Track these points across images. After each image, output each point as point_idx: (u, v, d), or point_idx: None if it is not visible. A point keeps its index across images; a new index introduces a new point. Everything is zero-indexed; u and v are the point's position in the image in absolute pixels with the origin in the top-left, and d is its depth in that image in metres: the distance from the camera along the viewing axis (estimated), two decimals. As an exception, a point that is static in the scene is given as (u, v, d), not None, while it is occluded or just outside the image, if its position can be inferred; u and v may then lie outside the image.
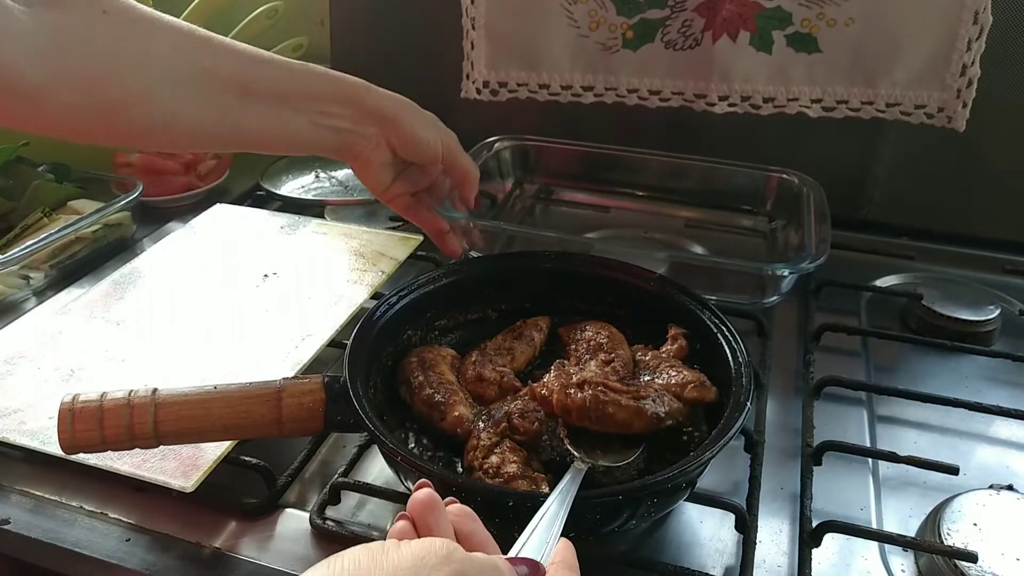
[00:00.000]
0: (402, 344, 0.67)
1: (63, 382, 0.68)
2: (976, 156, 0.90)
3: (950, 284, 0.85)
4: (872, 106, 0.88)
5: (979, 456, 0.65)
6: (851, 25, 0.84)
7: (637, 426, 0.56)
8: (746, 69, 0.89)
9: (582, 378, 0.57)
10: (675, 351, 0.65)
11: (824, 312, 0.82)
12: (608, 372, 0.62)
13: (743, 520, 0.56)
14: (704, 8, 0.87)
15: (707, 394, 0.60)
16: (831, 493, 0.61)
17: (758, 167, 0.92)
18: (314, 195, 1.01)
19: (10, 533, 0.58)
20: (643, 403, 0.56)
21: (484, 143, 0.95)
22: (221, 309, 0.78)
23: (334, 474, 0.61)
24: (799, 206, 0.85)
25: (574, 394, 0.56)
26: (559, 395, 0.56)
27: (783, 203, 0.90)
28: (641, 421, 0.56)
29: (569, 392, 0.56)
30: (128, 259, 0.87)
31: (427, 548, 0.34)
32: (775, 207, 0.93)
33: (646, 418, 0.55)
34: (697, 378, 0.61)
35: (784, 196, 0.90)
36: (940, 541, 0.54)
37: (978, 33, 0.81)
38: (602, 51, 0.93)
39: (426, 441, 0.61)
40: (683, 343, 0.65)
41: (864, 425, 0.68)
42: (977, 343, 0.77)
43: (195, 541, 0.57)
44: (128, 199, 0.92)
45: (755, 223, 0.94)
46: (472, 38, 0.95)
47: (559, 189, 1.03)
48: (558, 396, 0.56)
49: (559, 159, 1.01)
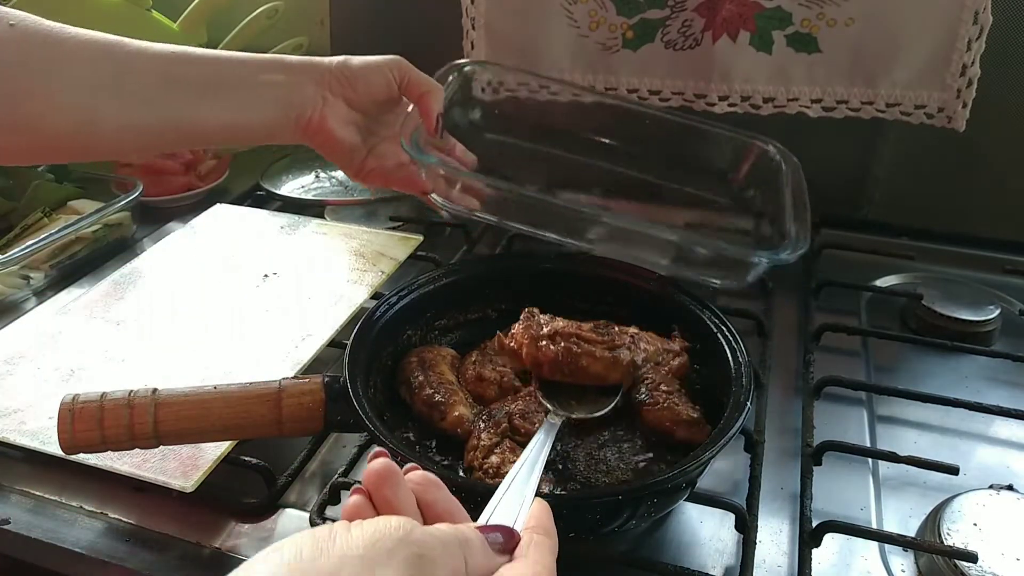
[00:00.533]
0: (402, 344, 0.67)
1: (63, 382, 0.68)
2: (976, 156, 0.90)
3: (950, 284, 0.85)
4: (872, 106, 0.88)
5: (979, 456, 0.65)
6: (851, 25, 0.84)
7: (613, 377, 0.54)
8: (746, 69, 0.89)
9: (553, 329, 0.54)
10: (676, 368, 0.63)
11: (824, 312, 0.81)
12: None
13: (743, 520, 0.56)
14: (704, 8, 0.87)
15: (698, 436, 0.57)
16: (831, 493, 0.61)
17: (737, 132, 0.82)
18: (314, 195, 1.01)
19: (10, 533, 0.58)
20: (618, 352, 0.53)
21: (453, 64, 0.82)
22: (221, 309, 0.78)
23: (334, 474, 0.61)
24: (777, 182, 0.77)
25: (546, 347, 0.53)
26: (530, 348, 0.53)
27: (759, 174, 0.81)
28: (617, 372, 0.53)
29: (540, 345, 0.53)
30: (128, 259, 0.87)
31: (380, 530, 0.30)
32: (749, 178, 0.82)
33: (622, 368, 0.53)
34: (690, 417, 0.58)
35: (761, 168, 0.81)
36: (940, 541, 0.54)
37: (978, 33, 0.81)
38: (602, 51, 0.93)
39: (426, 441, 0.61)
40: (684, 360, 0.64)
41: (864, 425, 0.68)
42: (977, 343, 0.77)
43: (195, 541, 0.57)
44: (128, 199, 0.92)
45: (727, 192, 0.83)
46: (472, 38, 0.95)
47: (527, 131, 0.89)
48: (528, 349, 0.53)
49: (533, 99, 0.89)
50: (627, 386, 0.55)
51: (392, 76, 0.66)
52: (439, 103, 0.68)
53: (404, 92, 0.68)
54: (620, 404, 0.54)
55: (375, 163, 0.69)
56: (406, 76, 0.67)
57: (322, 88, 0.64)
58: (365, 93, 0.65)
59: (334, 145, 0.66)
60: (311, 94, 0.64)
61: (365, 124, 0.68)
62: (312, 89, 0.64)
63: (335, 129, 0.65)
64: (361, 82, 0.65)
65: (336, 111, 0.64)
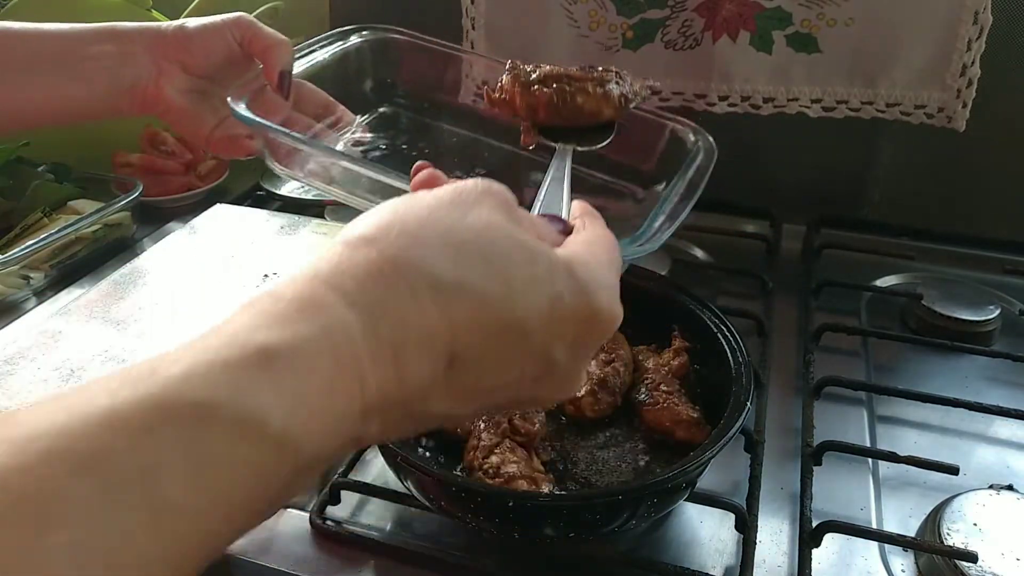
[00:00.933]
0: (402, 344, 0.67)
1: (63, 382, 0.68)
2: (976, 156, 0.90)
3: (950, 284, 0.85)
4: (872, 106, 0.88)
5: (979, 456, 0.65)
6: (851, 25, 0.84)
7: (607, 113, 0.54)
8: (746, 69, 0.89)
9: (543, 73, 0.54)
10: (676, 368, 0.64)
11: (824, 312, 0.81)
12: (603, 366, 0.62)
13: (743, 520, 0.56)
14: (704, 8, 0.87)
15: (698, 436, 0.58)
16: (831, 493, 0.61)
17: (654, 113, 0.72)
18: (314, 195, 1.01)
19: (10, 533, 0.58)
20: (608, 87, 0.54)
21: (339, 31, 0.75)
22: (221, 309, 0.78)
23: (334, 474, 0.61)
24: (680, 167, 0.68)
25: (539, 90, 0.53)
26: (524, 94, 0.54)
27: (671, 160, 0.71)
28: (610, 107, 0.54)
29: (533, 90, 0.54)
30: (128, 259, 0.87)
31: (462, 185, 0.34)
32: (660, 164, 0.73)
33: (614, 102, 0.54)
34: (689, 417, 0.59)
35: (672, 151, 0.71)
36: (940, 541, 0.54)
37: (978, 33, 0.81)
38: (602, 51, 0.93)
39: (426, 441, 0.61)
40: (684, 360, 0.64)
41: (864, 425, 0.68)
42: (977, 343, 0.77)
43: (195, 541, 0.57)
44: (128, 199, 0.92)
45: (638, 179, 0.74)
46: (472, 38, 0.95)
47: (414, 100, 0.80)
48: (522, 96, 0.54)
49: (419, 62, 0.80)
50: (620, 118, 0.56)
51: (231, 36, 0.63)
52: (284, 59, 0.63)
53: (248, 50, 0.64)
54: (616, 133, 0.56)
55: (223, 132, 0.65)
56: (248, 33, 0.63)
57: (155, 56, 0.61)
58: (203, 56, 0.62)
59: (176, 114, 0.63)
60: (144, 62, 0.60)
61: (213, 90, 0.64)
62: (145, 57, 0.60)
63: (174, 98, 0.61)
64: (198, 45, 0.61)
65: (173, 79, 0.61)
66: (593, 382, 0.61)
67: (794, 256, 0.93)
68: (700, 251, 0.94)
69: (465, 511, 0.51)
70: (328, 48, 0.72)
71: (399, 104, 0.79)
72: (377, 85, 0.78)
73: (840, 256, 0.92)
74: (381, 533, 0.58)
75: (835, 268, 0.89)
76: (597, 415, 0.61)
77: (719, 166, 0.61)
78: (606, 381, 0.62)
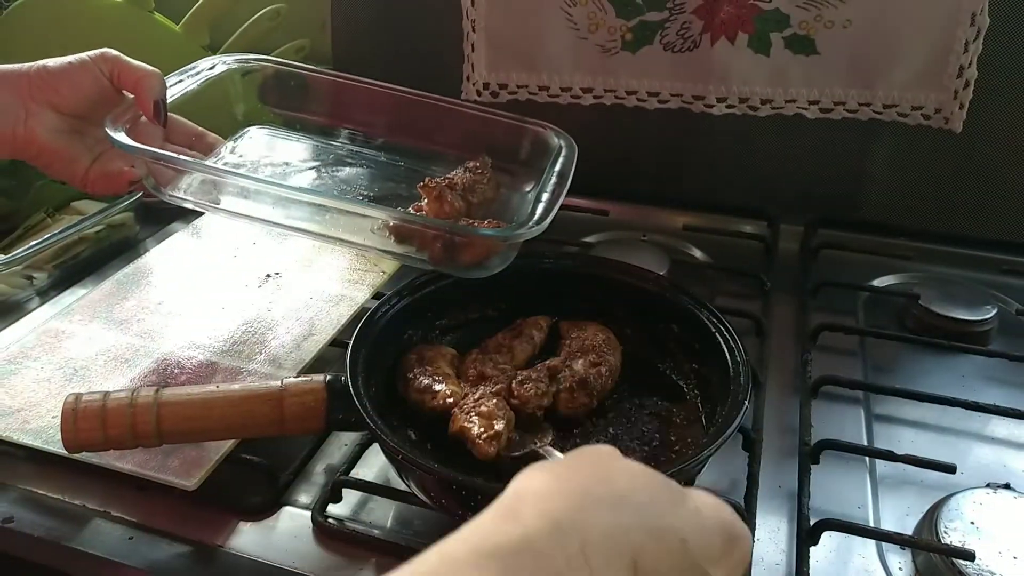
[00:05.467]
0: (403, 344, 0.68)
1: (66, 381, 0.68)
2: (973, 157, 0.91)
3: (947, 284, 0.85)
4: (869, 107, 0.88)
5: (976, 455, 0.66)
6: (848, 27, 0.85)
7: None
8: (744, 71, 0.89)
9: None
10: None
11: (822, 312, 0.82)
12: (589, 368, 0.63)
13: (741, 518, 0.56)
14: (703, 10, 0.88)
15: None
16: (829, 491, 0.61)
17: (516, 118, 0.77)
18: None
19: (13, 532, 0.58)
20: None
21: (205, 59, 0.76)
22: (223, 309, 0.78)
23: (336, 472, 0.61)
24: (545, 162, 0.72)
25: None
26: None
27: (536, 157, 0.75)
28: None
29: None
30: (131, 259, 0.88)
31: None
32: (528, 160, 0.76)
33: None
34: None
35: (538, 150, 0.75)
36: (937, 539, 0.55)
37: (975, 35, 0.82)
38: (601, 53, 0.93)
39: (427, 442, 0.61)
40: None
41: (861, 424, 0.69)
42: (974, 343, 0.77)
43: (197, 539, 0.57)
44: (131, 200, 0.93)
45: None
46: (472, 40, 0.95)
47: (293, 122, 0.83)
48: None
49: (303, 89, 0.82)
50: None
51: (100, 71, 0.62)
52: (156, 89, 0.63)
53: (118, 84, 0.63)
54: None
55: (100, 169, 0.64)
56: (116, 67, 0.62)
57: (21, 98, 0.60)
58: (71, 95, 0.61)
59: (49, 156, 0.62)
60: (10, 106, 0.59)
61: (85, 129, 0.63)
62: (10, 101, 0.59)
63: (46, 139, 0.61)
64: (65, 84, 0.61)
65: (44, 120, 0.60)
66: (574, 380, 0.61)
67: (792, 256, 0.93)
68: (698, 251, 0.95)
69: (466, 509, 0.51)
70: (196, 78, 0.74)
71: (269, 125, 0.84)
72: (248, 110, 0.82)
73: (837, 256, 0.92)
74: (382, 531, 0.58)
75: (833, 268, 0.89)
76: (570, 413, 0.61)
77: (718, 166, 0.63)
78: (587, 382, 0.62)
